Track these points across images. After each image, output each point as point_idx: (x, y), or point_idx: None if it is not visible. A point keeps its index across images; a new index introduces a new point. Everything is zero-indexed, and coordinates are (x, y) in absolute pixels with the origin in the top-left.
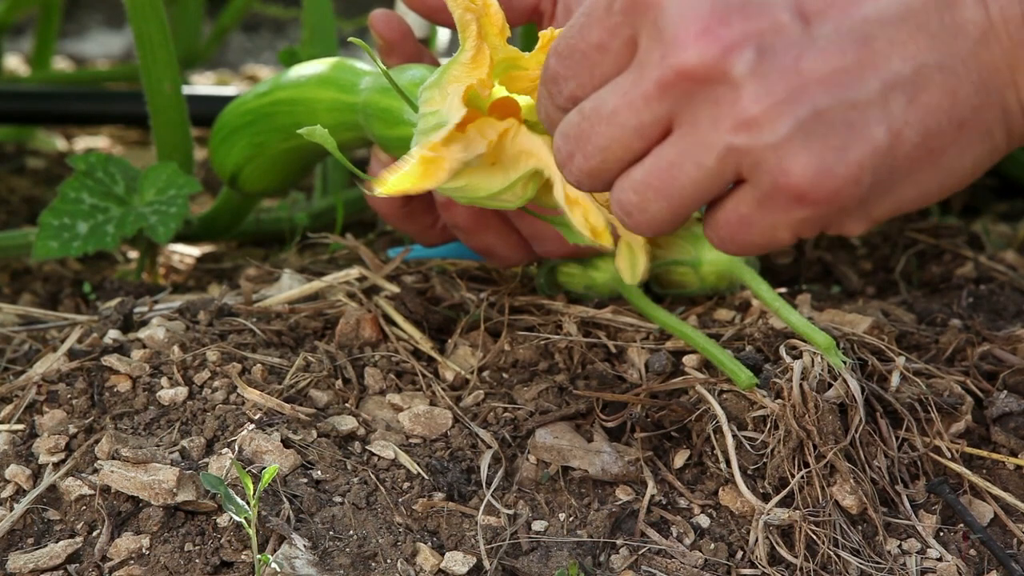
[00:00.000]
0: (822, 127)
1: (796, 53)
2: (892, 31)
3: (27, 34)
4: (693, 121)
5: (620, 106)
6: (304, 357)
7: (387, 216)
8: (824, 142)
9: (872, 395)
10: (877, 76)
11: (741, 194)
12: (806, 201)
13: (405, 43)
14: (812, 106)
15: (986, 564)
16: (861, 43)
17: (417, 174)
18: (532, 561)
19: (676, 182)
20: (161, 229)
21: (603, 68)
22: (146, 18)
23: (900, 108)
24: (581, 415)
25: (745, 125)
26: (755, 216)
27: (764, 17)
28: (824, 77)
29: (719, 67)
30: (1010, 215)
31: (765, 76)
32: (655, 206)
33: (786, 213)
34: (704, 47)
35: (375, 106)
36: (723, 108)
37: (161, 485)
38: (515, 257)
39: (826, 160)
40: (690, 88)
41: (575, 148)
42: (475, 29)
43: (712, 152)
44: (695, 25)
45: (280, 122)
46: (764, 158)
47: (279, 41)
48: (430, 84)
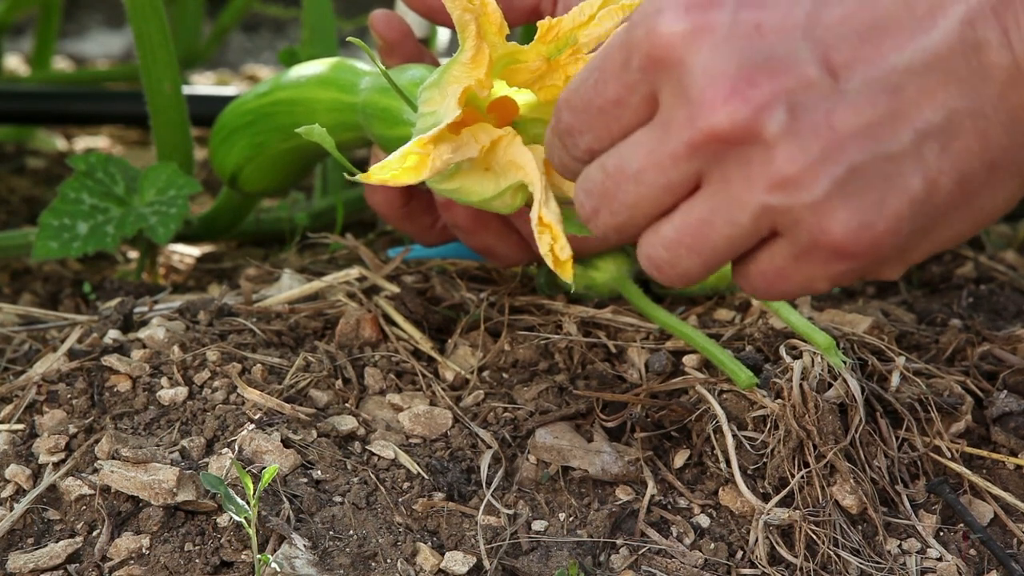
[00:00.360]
0: (859, 182)
1: (827, 108)
2: (921, 79)
3: (27, 34)
4: (724, 179)
5: (647, 166)
6: (304, 357)
7: (387, 216)
8: (862, 197)
9: (872, 395)
10: (910, 126)
11: (776, 248)
12: (846, 256)
13: (405, 43)
14: (848, 162)
15: (986, 564)
16: (891, 94)
17: (400, 168)
18: (532, 561)
19: (708, 240)
20: (161, 229)
21: (621, 123)
22: (146, 18)
23: (934, 156)
24: (581, 415)
25: (781, 185)
26: (791, 269)
27: (792, 73)
28: (857, 131)
29: (751, 128)
30: (1010, 215)
31: (798, 135)
32: (687, 262)
33: (824, 267)
34: (734, 109)
35: (375, 106)
36: (756, 168)
37: (161, 485)
38: (515, 257)
39: (865, 215)
40: (721, 149)
41: (600, 205)
42: (474, 29)
43: (746, 210)
44: (723, 86)
45: (280, 122)
46: (802, 217)
47: (279, 41)
48: (430, 84)
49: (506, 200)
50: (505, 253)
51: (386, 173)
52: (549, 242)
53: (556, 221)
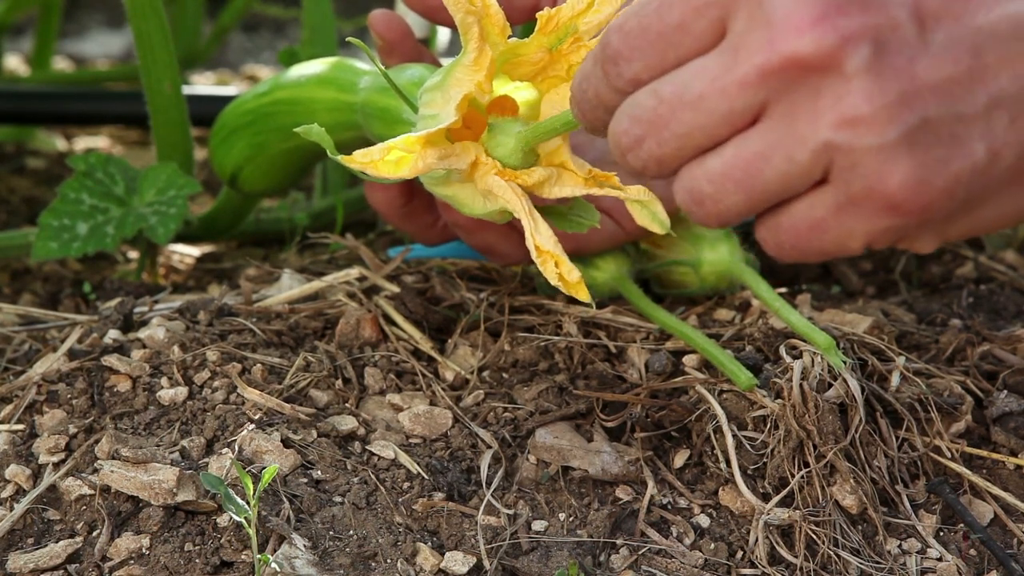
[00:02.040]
0: (928, 136)
1: (911, 55)
2: (1003, 46)
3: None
4: (790, 111)
5: (710, 92)
6: (304, 357)
7: (387, 215)
8: (927, 152)
9: (872, 395)
10: (985, 91)
11: (819, 197)
12: (897, 211)
13: (404, 43)
14: (922, 113)
15: (986, 564)
16: (973, 54)
17: (381, 159)
18: (532, 561)
19: (761, 175)
20: (161, 230)
21: (680, 51)
22: (146, 18)
23: (1002, 126)
24: (581, 415)
25: (851, 123)
26: (831, 221)
27: (882, 13)
28: (936, 85)
29: (834, 58)
30: None
31: (879, 75)
32: (732, 198)
33: (869, 221)
34: (821, 34)
35: (374, 106)
36: (828, 101)
37: (161, 485)
38: (516, 255)
39: (927, 171)
40: (795, 77)
41: (647, 133)
42: (477, 31)
43: (807, 146)
44: (812, 10)
45: (280, 122)
46: (864, 161)
47: (279, 41)
48: (432, 86)
49: (495, 217)
50: (506, 252)
51: (367, 159)
52: (554, 268)
53: (553, 245)
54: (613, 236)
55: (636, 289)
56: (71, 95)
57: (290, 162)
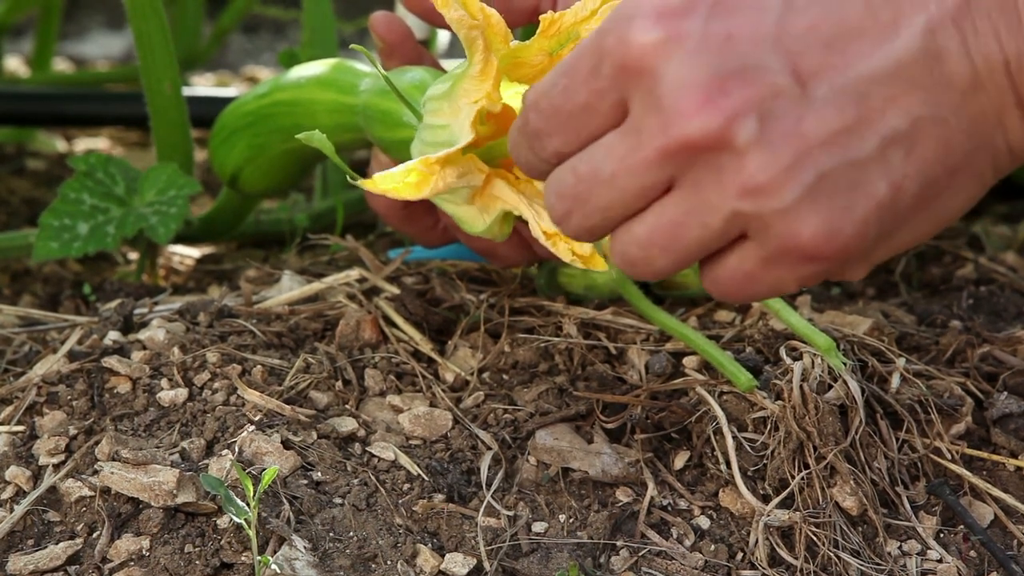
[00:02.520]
0: (827, 188)
1: (797, 116)
2: (886, 87)
3: (27, 35)
4: (696, 183)
5: (619, 171)
6: (304, 358)
7: (387, 217)
8: (830, 202)
9: (872, 396)
10: (876, 133)
11: (745, 251)
12: (814, 259)
13: (405, 45)
14: (817, 169)
15: (986, 566)
16: (858, 101)
17: (402, 182)
18: (532, 562)
19: (681, 240)
20: (161, 230)
21: (590, 128)
22: (146, 19)
23: (899, 162)
24: (581, 416)
25: (752, 192)
26: (760, 272)
27: (762, 82)
28: (826, 139)
29: (722, 137)
30: (1010, 217)
31: (769, 143)
32: (660, 261)
33: (794, 270)
34: (707, 118)
35: (375, 108)
36: (728, 174)
37: (161, 486)
38: (516, 257)
39: (834, 220)
40: (693, 155)
41: (572, 208)
42: (481, 44)
43: (717, 215)
44: (695, 95)
45: (280, 123)
46: (772, 222)
47: (279, 42)
48: (440, 95)
49: (495, 232)
50: (507, 254)
51: (388, 184)
52: (566, 247)
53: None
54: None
55: (636, 290)
56: (71, 96)
57: (290, 163)
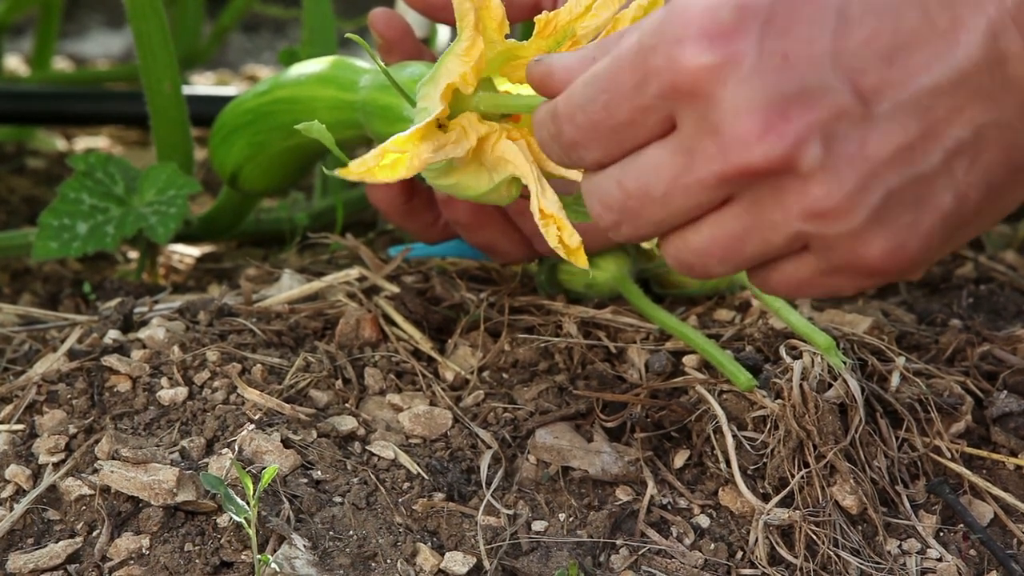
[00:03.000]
0: (894, 207)
1: (860, 136)
2: (949, 98)
3: (27, 34)
4: (756, 203)
5: (673, 190)
6: (304, 357)
7: (388, 213)
8: (896, 221)
9: (872, 395)
10: (940, 146)
11: (804, 261)
12: (881, 274)
13: (405, 41)
14: (883, 190)
15: (986, 564)
16: (921, 116)
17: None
18: (532, 561)
19: (740, 253)
20: (161, 229)
21: (634, 141)
22: (146, 18)
23: (963, 172)
24: (581, 415)
25: (818, 216)
26: (818, 280)
27: (824, 104)
28: (891, 157)
29: (786, 163)
30: (1010, 215)
31: (834, 167)
32: (718, 268)
33: (856, 281)
34: (769, 146)
35: (375, 104)
36: (791, 197)
37: (161, 485)
38: (517, 253)
39: (900, 238)
40: (754, 180)
41: (622, 220)
42: (472, 20)
43: (780, 233)
44: (755, 122)
45: (280, 121)
46: (838, 244)
47: (279, 41)
48: (427, 79)
49: (502, 193)
50: (507, 250)
51: (363, 168)
52: (556, 232)
53: (558, 210)
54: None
55: (636, 289)
56: (71, 95)
57: (290, 161)
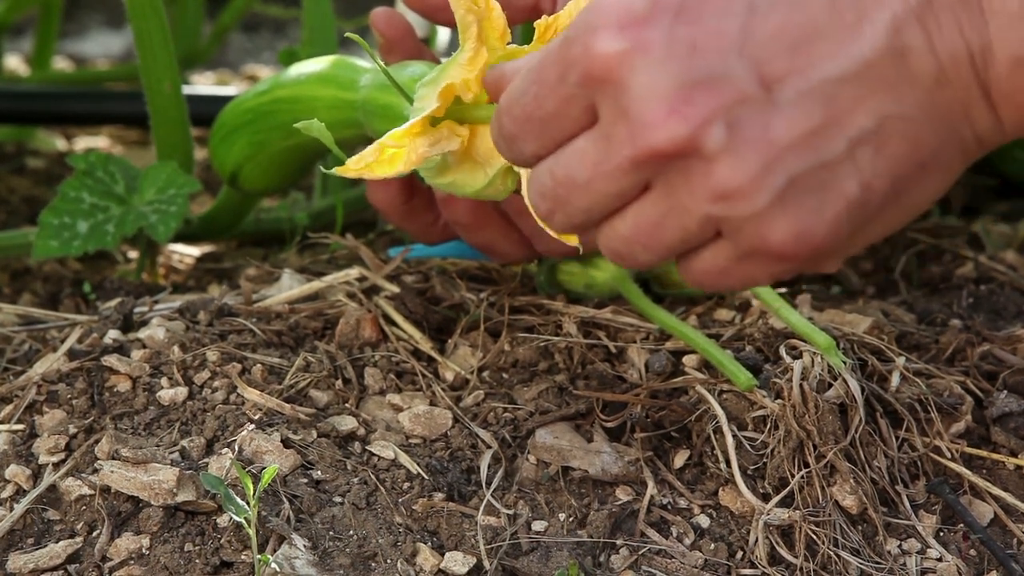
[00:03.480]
0: (797, 192)
1: (764, 122)
2: (852, 88)
3: (27, 34)
4: (669, 187)
5: (594, 177)
6: (304, 357)
7: (387, 214)
8: (801, 205)
9: (872, 395)
10: (844, 134)
11: (719, 248)
12: (788, 259)
13: (406, 41)
14: (786, 174)
15: (986, 564)
16: (825, 103)
17: (374, 160)
18: (532, 561)
19: (661, 239)
20: (161, 228)
21: (563, 132)
22: (146, 18)
23: (868, 161)
24: (581, 415)
25: (722, 198)
26: (734, 268)
27: (728, 90)
28: (794, 143)
29: (690, 146)
30: (1010, 215)
31: (737, 150)
32: (644, 256)
33: (766, 267)
34: (673, 128)
35: (375, 103)
36: (697, 180)
37: (161, 485)
38: (516, 253)
39: (804, 222)
40: (663, 163)
41: (554, 208)
42: (475, 31)
43: (692, 217)
44: (660, 105)
45: (280, 120)
46: (743, 225)
47: (279, 41)
48: (427, 82)
49: (498, 186)
50: (507, 250)
51: (361, 164)
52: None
53: None
54: None
55: (636, 289)
56: (71, 95)
57: (290, 160)
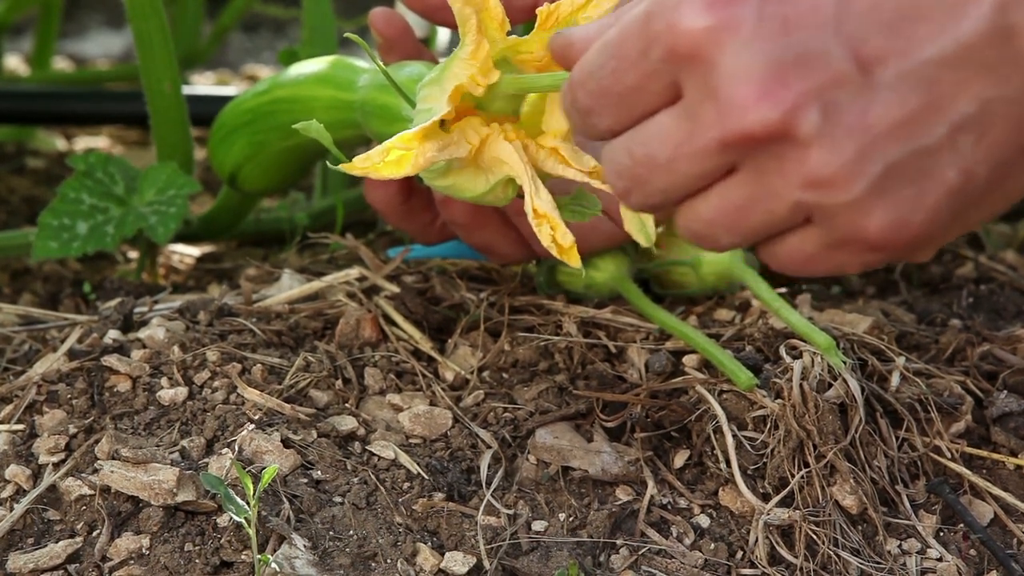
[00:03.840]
0: (895, 179)
1: (861, 106)
2: (954, 71)
3: (27, 34)
4: (758, 171)
5: (677, 157)
6: (304, 357)
7: (386, 213)
8: (898, 194)
9: (872, 395)
10: (944, 120)
11: (808, 234)
12: (883, 250)
13: (404, 41)
14: (883, 161)
15: (986, 564)
16: (925, 88)
17: (381, 161)
18: (532, 561)
19: (745, 223)
20: (161, 229)
21: (642, 108)
22: (146, 18)
23: (969, 147)
24: (581, 415)
25: (817, 184)
26: (822, 256)
27: (824, 71)
28: (892, 128)
29: (783, 130)
30: (1010, 215)
31: (832, 135)
32: (725, 239)
33: (858, 257)
34: (766, 112)
35: (373, 103)
36: (790, 165)
37: (161, 485)
38: (515, 254)
39: (902, 212)
40: (754, 146)
41: (632, 187)
42: (475, 23)
43: (783, 202)
44: (752, 87)
45: (279, 120)
46: (838, 215)
47: (279, 41)
48: (430, 81)
49: (498, 194)
50: (505, 251)
51: (367, 164)
52: (549, 232)
53: (551, 209)
54: (612, 236)
55: (636, 289)
56: (71, 95)
57: (290, 161)
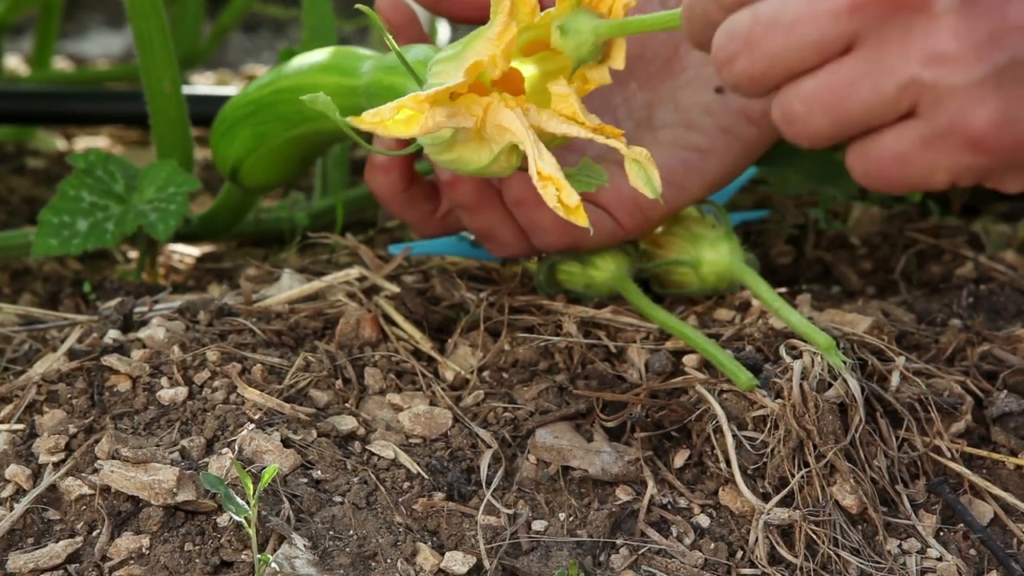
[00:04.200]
0: (1016, 76)
1: None
2: None
3: (27, 34)
4: (880, 44)
5: (803, 17)
6: (304, 357)
7: (386, 201)
8: (1015, 91)
9: (872, 395)
10: None
11: (905, 130)
12: (980, 149)
13: (410, 27)
14: (1012, 53)
15: (986, 564)
16: None
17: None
18: (532, 561)
19: (848, 102)
20: (160, 226)
21: None
22: (146, 18)
23: None
24: (581, 415)
25: (939, 60)
26: (916, 154)
27: None
28: None
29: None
30: (1010, 215)
31: (969, 13)
32: (819, 120)
33: (953, 157)
34: None
35: (379, 84)
36: (916, 37)
37: (161, 485)
38: (515, 243)
39: (1013, 110)
40: (885, 12)
41: (741, 49)
42: (508, 5)
43: (894, 79)
44: None
45: (283, 111)
46: (949, 98)
47: (279, 41)
48: (448, 57)
49: (502, 164)
50: (506, 238)
51: (377, 119)
52: (555, 193)
53: (555, 170)
54: (612, 234)
55: (636, 289)
56: (71, 95)
57: (292, 153)
